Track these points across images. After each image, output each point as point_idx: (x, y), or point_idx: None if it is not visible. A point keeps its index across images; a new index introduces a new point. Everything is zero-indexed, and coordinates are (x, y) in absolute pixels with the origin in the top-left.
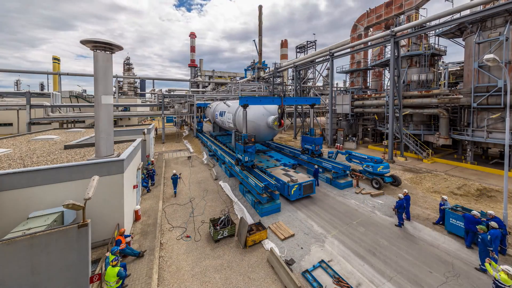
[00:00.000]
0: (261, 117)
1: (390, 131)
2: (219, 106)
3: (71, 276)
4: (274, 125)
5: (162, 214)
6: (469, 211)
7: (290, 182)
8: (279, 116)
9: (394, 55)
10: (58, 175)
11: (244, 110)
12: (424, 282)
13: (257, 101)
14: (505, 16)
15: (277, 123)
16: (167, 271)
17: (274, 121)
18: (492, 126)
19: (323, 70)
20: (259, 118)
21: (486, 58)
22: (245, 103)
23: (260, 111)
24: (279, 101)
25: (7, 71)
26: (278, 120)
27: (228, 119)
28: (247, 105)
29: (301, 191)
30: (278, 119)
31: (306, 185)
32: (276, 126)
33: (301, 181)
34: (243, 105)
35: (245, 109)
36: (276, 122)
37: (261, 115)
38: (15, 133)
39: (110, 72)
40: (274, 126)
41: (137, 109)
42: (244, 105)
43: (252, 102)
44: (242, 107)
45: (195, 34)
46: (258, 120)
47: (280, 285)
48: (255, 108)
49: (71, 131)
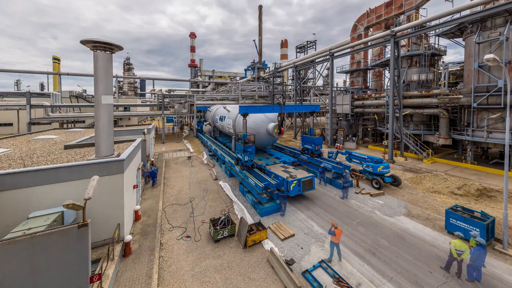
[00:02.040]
0: (261, 124)
1: (390, 131)
2: (219, 111)
3: (71, 276)
4: (274, 132)
5: (162, 214)
6: (470, 211)
7: (289, 178)
8: (279, 123)
9: (394, 55)
10: (58, 175)
11: (244, 119)
12: (424, 282)
13: (257, 110)
14: (505, 16)
15: (277, 131)
16: (167, 271)
17: (274, 129)
18: (492, 126)
19: (323, 70)
20: (259, 125)
21: (486, 58)
22: (245, 112)
23: (260, 118)
24: (279, 109)
25: (7, 71)
26: (278, 128)
27: (228, 124)
28: (247, 114)
29: (300, 187)
30: (278, 127)
31: (305, 180)
32: (276, 134)
33: (300, 177)
34: (243, 114)
35: (245, 118)
36: (276, 129)
37: (261, 122)
38: (15, 133)
39: (110, 72)
40: (274, 133)
41: (137, 109)
42: (244, 114)
43: (252, 110)
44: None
45: (195, 34)
46: (258, 127)
47: (280, 285)
48: (255, 115)
49: (71, 131)
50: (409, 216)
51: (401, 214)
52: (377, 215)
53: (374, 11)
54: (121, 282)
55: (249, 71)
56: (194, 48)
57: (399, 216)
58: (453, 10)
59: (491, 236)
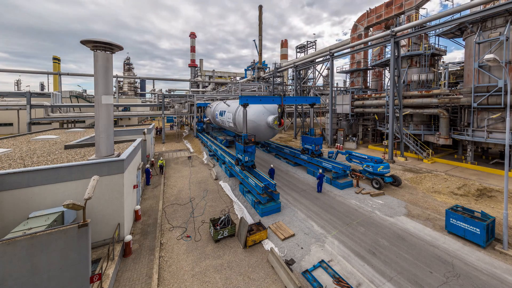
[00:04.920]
0: (261, 116)
1: (390, 131)
2: (219, 106)
3: (71, 276)
4: (274, 124)
5: (162, 214)
6: (470, 211)
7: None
8: (279, 115)
9: (394, 55)
10: (58, 175)
11: (244, 109)
12: (425, 282)
13: (257, 101)
14: (505, 16)
15: (277, 123)
16: (167, 271)
17: (274, 121)
18: (493, 126)
19: (323, 70)
20: (259, 117)
21: (487, 58)
22: (245, 102)
23: (260, 111)
24: (279, 100)
25: (7, 71)
26: (278, 120)
27: (228, 119)
28: (247, 104)
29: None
30: (278, 119)
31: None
32: (276, 126)
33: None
34: (243, 104)
35: (245, 109)
36: (276, 121)
37: (261, 114)
38: (15, 133)
39: (110, 72)
40: (274, 125)
41: (137, 109)
42: (244, 104)
43: (252, 101)
44: (242, 107)
45: (195, 34)
46: (258, 119)
47: (280, 285)
48: (255, 107)
49: (71, 131)
50: (409, 216)
51: (401, 214)
52: (377, 215)
53: (374, 11)
54: (121, 282)
55: (249, 71)
56: (194, 48)
57: (399, 216)
58: (453, 10)
59: (491, 236)
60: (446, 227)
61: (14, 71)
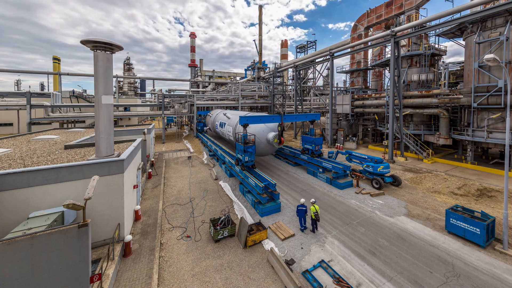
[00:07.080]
0: (261, 133)
1: (390, 131)
2: (219, 116)
3: (71, 276)
4: (274, 142)
5: (162, 214)
6: (470, 211)
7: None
8: (279, 133)
9: (394, 55)
10: (58, 175)
11: (244, 129)
12: (425, 282)
13: (257, 120)
14: (505, 16)
15: (277, 140)
16: (167, 271)
17: (274, 138)
18: (493, 126)
19: (323, 70)
20: (259, 134)
21: (487, 58)
22: (245, 123)
23: (260, 127)
24: (279, 119)
25: (7, 71)
26: (278, 138)
27: (228, 132)
28: (247, 125)
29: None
30: (278, 137)
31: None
32: (276, 144)
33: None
34: (244, 125)
35: (245, 129)
36: (276, 139)
37: (261, 131)
38: (15, 133)
39: (110, 72)
40: (274, 143)
41: (137, 109)
42: (245, 124)
43: (253, 121)
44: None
45: (195, 34)
46: (258, 135)
47: (280, 285)
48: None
49: (71, 131)
50: (409, 216)
51: (401, 214)
52: (377, 215)
53: (374, 11)
54: (121, 282)
55: (249, 71)
56: (194, 48)
57: (399, 216)
58: (453, 10)
59: (491, 236)
60: (446, 227)
61: (14, 71)
